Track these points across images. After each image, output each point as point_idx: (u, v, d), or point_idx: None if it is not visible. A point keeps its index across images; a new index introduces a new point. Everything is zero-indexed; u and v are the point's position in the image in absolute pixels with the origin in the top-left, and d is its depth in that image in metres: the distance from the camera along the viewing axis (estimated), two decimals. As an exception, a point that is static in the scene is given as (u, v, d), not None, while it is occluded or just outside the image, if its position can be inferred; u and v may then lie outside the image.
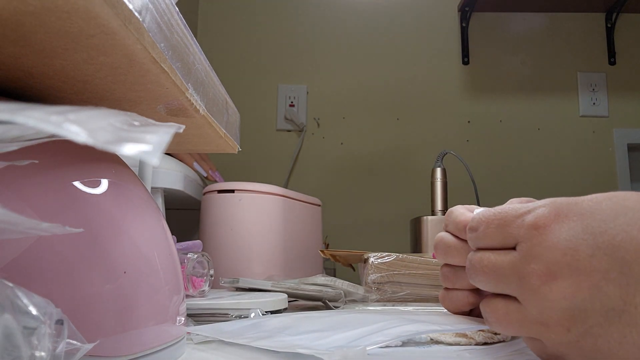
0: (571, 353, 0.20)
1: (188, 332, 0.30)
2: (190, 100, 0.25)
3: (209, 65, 0.29)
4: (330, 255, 0.62)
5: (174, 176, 0.62)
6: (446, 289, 0.31)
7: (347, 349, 0.22)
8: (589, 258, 0.19)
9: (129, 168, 0.25)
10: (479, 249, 0.24)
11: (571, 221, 0.20)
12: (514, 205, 0.23)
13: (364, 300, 0.47)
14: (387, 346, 0.27)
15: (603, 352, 0.19)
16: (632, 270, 0.18)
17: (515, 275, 0.21)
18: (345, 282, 0.49)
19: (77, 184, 0.20)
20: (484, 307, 0.24)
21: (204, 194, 0.68)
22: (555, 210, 0.21)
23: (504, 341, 0.30)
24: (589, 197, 0.21)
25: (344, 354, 0.22)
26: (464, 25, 1.27)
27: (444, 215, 0.79)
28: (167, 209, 0.66)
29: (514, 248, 0.22)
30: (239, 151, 0.38)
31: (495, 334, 0.31)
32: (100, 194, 0.21)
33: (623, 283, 0.18)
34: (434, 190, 0.81)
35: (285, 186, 1.17)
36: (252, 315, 0.33)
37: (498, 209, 0.24)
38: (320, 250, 0.63)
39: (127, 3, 0.17)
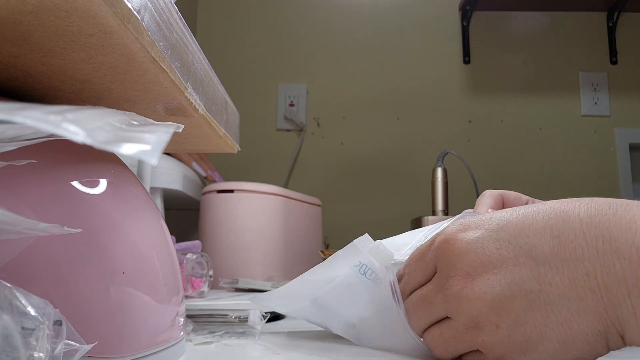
0: (508, 351, 0.21)
1: (188, 333, 0.30)
2: (189, 99, 0.25)
3: (208, 64, 0.29)
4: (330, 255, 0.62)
5: (173, 176, 0.62)
6: None
7: (378, 245, 0.27)
8: (496, 250, 0.21)
9: (128, 168, 0.25)
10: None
11: (474, 229, 0.23)
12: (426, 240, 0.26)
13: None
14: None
15: (534, 339, 0.20)
16: (537, 251, 0.20)
17: (439, 292, 0.23)
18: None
19: (75, 184, 0.20)
20: (425, 340, 0.25)
21: (203, 194, 0.68)
22: (460, 225, 0.23)
23: None
24: (490, 214, 0.23)
25: (375, 246, 0.27)
26: (464, 24, 1.26)
27: (445, 215, 0.79)
28: (166, 209, 0.66)
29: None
30: (238, 151, 0.38)
31: None
32: (98, 194, 0.20)
33: (533, 265, 0.20)
34: (435, 191, 0.81)
35: (285, 186, 1.17)
36: (251, 316, 0.33)
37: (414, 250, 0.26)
38: (320, 251, 0.63)
39: (126, 2, 0.17)
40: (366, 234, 0.29)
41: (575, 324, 0.19)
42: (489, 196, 0.33)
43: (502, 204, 0.33)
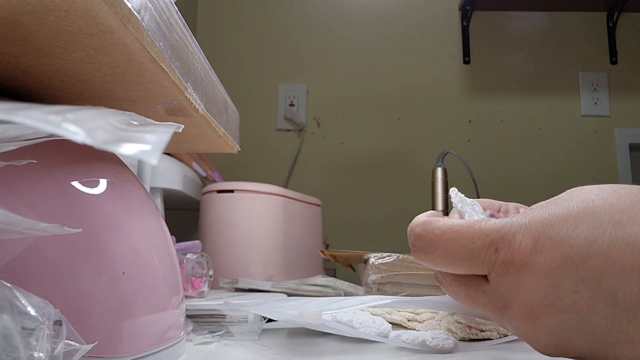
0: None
1: (188, 333, 0.30)
2: (189, 99, 0.25)
3: (208, 64, 0.29)
4: (331, 255, 0.62)
5: (173, 176, 0.62)
6: None
7: (305, 309, 0.26)
8: (573, 295, 0.18)
9: (128, 168, 0.25)
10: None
11: (549, 251, 0.18)
12: (480, 224, 0.20)
13: (364, 301, 0.47)
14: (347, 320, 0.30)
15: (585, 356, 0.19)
16: (617, 298, 0.17)
17: (493, 313, 0.20)
18: (345, 282, 0.49)
19: (75, 184, 0.20)
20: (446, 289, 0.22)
21: (203, 194, 0.68)
22: (532, 241, 0.18)
23: (490, 339, 0.30)
24: (562, 212, 0.19)
25: (301, 312, 0.26)
26: (464, 24, 1.26)
27: (444, 215, 0.79)
28: (166, 209, 0.66)
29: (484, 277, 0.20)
30: (238, 151, 0.38)
31: (482, 330, 0.31)
32: (98, 194, 0.20)
33: (609, 314, 0.17)
34: (435, 191, 0.81)
35: (285, 186, 1.17)
36: (251, 316, 0.33)
37: (457, 226, 0.20)
38: (321, 251, 0.63)
39: (126, 2, 0.17)
40: (278, 308, 0.29)
41: None
42: None
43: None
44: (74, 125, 0.12)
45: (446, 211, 0.80)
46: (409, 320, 0.35)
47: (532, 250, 0.18)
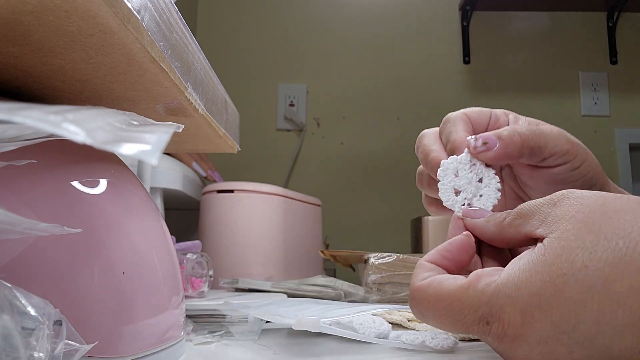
0: None
1: (188, 333, 0.30)
2: (189, 99, 0.25)
3: (208, 64, 0.29)
4: (331, 255, 0.62)
5: (173, 176, 0.62)
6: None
7: (303, 317, 0.26)
8: (569, 355, 0.18)
9: (128, 168, 0.25)
10: None
11: (538, 322, 0.18)
12: (468, 294, 0.20)
13: (364, 301, 0.47)
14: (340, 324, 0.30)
15: None
16: (612, 351, 0.17)
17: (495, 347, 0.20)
18: (345, 282, 0.49)
19: (75, 184, 0.20)
20: None
21: (203, 194, 0.68)
22: (520, 312, 0.18)
23: None
24: (548, 276, 0.18)
25: (299, 321, 0.25)
26: (464, 24, 1.26)
27: (445, 215, 0.79)
28: (166, 209, 0.66)
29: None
30: (238, 151, 0.38)
31: None
32: (98, 194, 0.20)
33: None
34: (435, 190, 0.81)
35: (285, 186, 1.17)
36: (251, 316, 0.33)
37: (447, 298, 0.20)
38: (321, 251, 0.63)
39: (126, 2, 0.17)
40: (277, 317, 0.29)
41: None
42: (459, 121, 0.29)
43: (471, 125, 0.30)
44: (74, 125, 0.12)
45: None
46: (409, 320, 0.35)
47: (521, 323, 0.18)
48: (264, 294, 0.47)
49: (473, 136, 0.27)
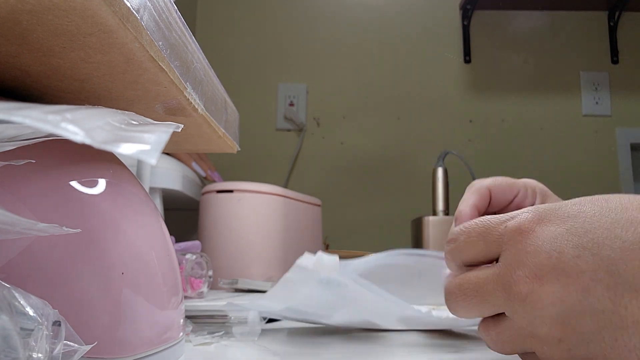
0: None
1: (187, 334, 0.29)
2: (188, 99, 0.25)
3: (208, 64, 0.29)
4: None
5: (172, 176, 0.62)
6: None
7: (323, 256, 0.25)
8: (575, 259, 0.19)
9: (127, 168, 0.25)
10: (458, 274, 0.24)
11: (554, 224, 0.20)
12: (495, 216, 0.23)
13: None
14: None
15: (596, 357, 0.19)
16: (618, 269, 0.18)
17: (500, 287, 0.21)
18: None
19: (74, 184, 0.20)
20: (480, 331, 0.24)
21: (203, 194, 0.68)
22: (538, 215, 0.21)
23: None
24: (572, 201, 0.21)
25: (319, 257, 0.25)
26: (465, 23, 1.26)
27: (445, 215, 0.79)
28: (166, 209, 0.66)
29: (496, 261, 0.22)
30: (238, 151, 0.38)
31: None
32: (97, 194, 0.20)
33: (611, 283, 0.18)
34: (435, 191, 0.81)
35: (285, 186, 1.17)
36: (250, 317, 0.32)
37: (479, 219, 0.23)
38: (320, 251, 0.62)
39: (125, 1, 0.17)
40: (305, 252, 0.27)
41: None
42: (475, 192, 0.31)
43: (489, 199, 0.32)
44: (72, 124, 0.12)
45: (446, 211, 0.80)
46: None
47: (538, 221, 0.21)
48: (263, 294, 0.47)
49: None
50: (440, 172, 0.81)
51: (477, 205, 0.31)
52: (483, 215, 0.27)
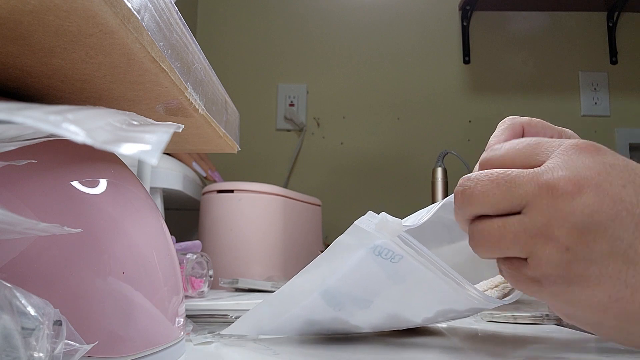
0: (557, 275, 0.19)
1: (188, 334, 0.30)
2: (189, 99, 0.25)
3: (208, 64, 0.29)
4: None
5: (173, 176, 0.62)
6: None
7: (386, 217, 0.24)
8: (621, 188, 0.19)
9: (128, 168, 0.25)
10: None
11: (610, 155, 0.21)
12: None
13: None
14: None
15: (590, 280, 0.19)
16: None
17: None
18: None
19: (75, 184, 0.20)
20: (472, 230, 0.22)
21: (203, 194, 0.68)
22: (593, 143, 0.21)
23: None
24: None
25: (382, 218, 0.24)
26: (464, 24, 1.26)
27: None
28: (166, 209, 0.66)
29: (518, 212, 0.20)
30: (238, 151, 0.38)
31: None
32: (98, 194, 0.20)
33: (637, 220, 0.19)
34: (435, 191, 0.81)
35: (285, 186, 1.17)
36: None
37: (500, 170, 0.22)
38: (320, 251, 0.63)
39: (126, 2, 0.17)
40: (369, 211, 0.25)
41: (638, 298, 0.18)
42: (507, 128, 0.28)
43: (522, 136, 0.29)
44: (74, 125, 0.12)
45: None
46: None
47: (594, 145, 0.21)
48: (264, 294, 0.47)
49: None
50: (439, 172, 0.81)
51: (508, 139, 0.28)
52: None
